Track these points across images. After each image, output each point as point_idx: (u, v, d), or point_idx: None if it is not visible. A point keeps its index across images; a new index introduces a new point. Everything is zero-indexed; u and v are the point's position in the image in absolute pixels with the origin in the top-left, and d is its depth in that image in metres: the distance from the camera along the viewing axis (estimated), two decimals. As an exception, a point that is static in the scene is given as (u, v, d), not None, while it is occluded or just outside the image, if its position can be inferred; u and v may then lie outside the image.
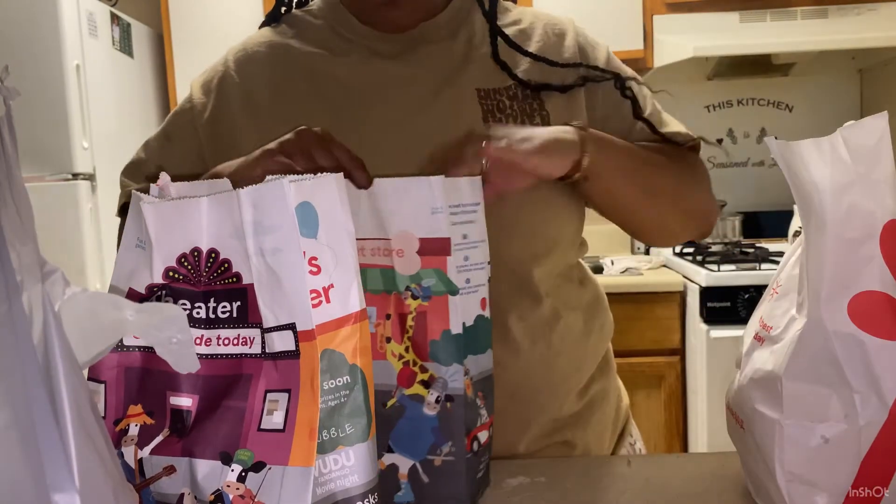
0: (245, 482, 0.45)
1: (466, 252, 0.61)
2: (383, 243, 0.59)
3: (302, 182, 0.47)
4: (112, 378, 0.50)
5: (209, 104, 0.82)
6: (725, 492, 0.62)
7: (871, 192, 0.50)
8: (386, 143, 0.75)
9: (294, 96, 0.80)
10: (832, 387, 0.50)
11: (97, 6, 2.67)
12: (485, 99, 0.78)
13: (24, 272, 0.27)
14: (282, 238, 0.46)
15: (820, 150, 0.51)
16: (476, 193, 0.62)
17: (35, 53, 2.44)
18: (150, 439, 0.49)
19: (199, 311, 0.50)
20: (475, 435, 0.62)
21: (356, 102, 0.79)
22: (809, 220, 0.51)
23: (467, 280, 0.61)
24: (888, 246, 0.50)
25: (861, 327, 0.49)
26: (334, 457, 0.47)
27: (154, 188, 0.54)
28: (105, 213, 2.63)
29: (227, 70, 0.83)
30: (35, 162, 2.42)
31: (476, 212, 0.62)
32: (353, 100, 0.79)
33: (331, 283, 0.47)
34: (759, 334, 0.57)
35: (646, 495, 0.62)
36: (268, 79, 0.82)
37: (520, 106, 0.78)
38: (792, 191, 0.52)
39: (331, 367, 0.47)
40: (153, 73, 3.18)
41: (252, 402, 0.47)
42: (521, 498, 0.63)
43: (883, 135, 0.50)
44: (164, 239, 0.50)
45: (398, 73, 0.79)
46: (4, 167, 0.27)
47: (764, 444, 0.53)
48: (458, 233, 0.60)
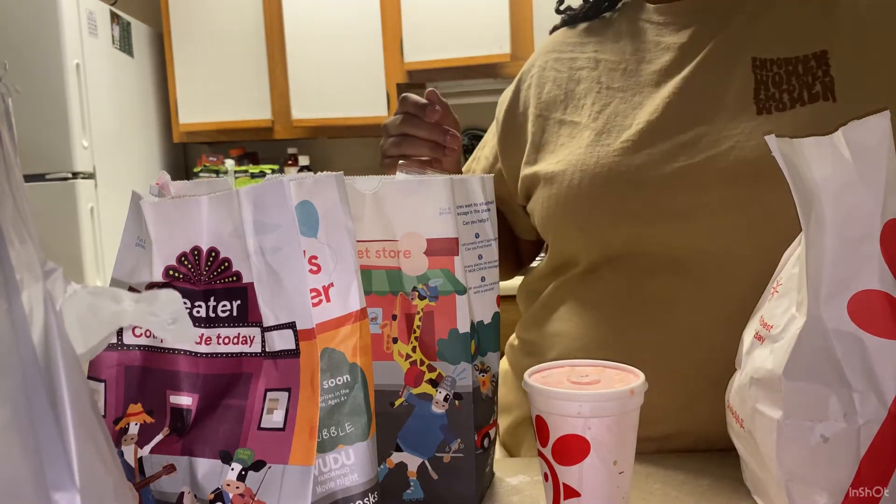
0: (245, 481, 0.45)
1: (480, 251, 0.62)
2: (389, 245, 0.59)
3: (302, 181, 0.47)
4: (112, 377, 0.50)
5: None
6: (725, 491, 0.62)
7: (871, 192, 0.50)
8: (655, 115, 0.76)
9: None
10: (832, 386, 0.50)
11: (97, 5, 2.67)
12: (759, 69, 0.75)
13: (24, 270, 0.27)
14: (282, 237, 0.46)
15: (821, 149, 0.51)
16: (488, 193, 0.62)
17: (35, 53, 2.44)
18: (150, 438, 0.49)
19: (200, 309, 0.50)
20: (486, 432, 0.62)
21: (631, 72, 0.82)
22: (809, 219, 0.51)
23: (482, 278, 0.62)
24: (888, 245, 0.50)
25: (861, 326, 0.49)
26: (334, 455, 0.47)
27: (154, 187, 0.54)
28: (105, 212, 2.63)
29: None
30: (35, 161, 2.42)
31: (489, 210, 0.62)
32: (629, 70, 0.83)
33: (331, 282, 0.47)
34: (759, 333, 0.57)
35: (645, 494, 0.62)
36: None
37: (800, 80, 0.73)
38: (792, 189, 0.52)
39: (331, 365, 0.47)
40: (153, 72, 3.18)
41: (252, 401, 0.47)
42: (521, 497, 0.63)
43: (884, 134, 0.50)
44: (165, 238, 0.50)
45: (671, 41, 0.81)
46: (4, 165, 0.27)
47: (763, 443, 0.53)
48: (471, 232, 0.61)
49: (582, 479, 0.53)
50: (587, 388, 0.54)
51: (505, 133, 0.92)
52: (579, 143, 0.80)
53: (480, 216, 0.62)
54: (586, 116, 0.82)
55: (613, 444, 0.53)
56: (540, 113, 0.87)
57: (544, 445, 0.55)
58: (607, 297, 0.78)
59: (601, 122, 0.80)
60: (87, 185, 2.55)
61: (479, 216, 0.62)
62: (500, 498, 0.63)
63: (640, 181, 0.74)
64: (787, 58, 0.74)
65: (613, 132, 0.78)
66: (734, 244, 0.71)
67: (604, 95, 0.82)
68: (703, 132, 0.74)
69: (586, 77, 0.85)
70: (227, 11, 3.07)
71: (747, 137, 0.71)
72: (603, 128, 0.79)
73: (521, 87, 0.92)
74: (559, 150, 0.82)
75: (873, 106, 0.68)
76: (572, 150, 0.80)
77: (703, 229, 0.72)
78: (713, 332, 0.72)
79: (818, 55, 0.73)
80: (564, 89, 0.86)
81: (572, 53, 0.89)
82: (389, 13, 3.05)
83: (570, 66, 0.88)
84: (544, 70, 0.90)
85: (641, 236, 0.75)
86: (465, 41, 2.94)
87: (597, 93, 0.83)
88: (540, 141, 0.85)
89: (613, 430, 0.53)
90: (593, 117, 0.81)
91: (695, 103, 0.76)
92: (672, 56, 0.80)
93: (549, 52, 0.92)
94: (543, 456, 0.55)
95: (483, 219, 0.63)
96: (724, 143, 0.72)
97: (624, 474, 0.54)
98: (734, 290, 0.71)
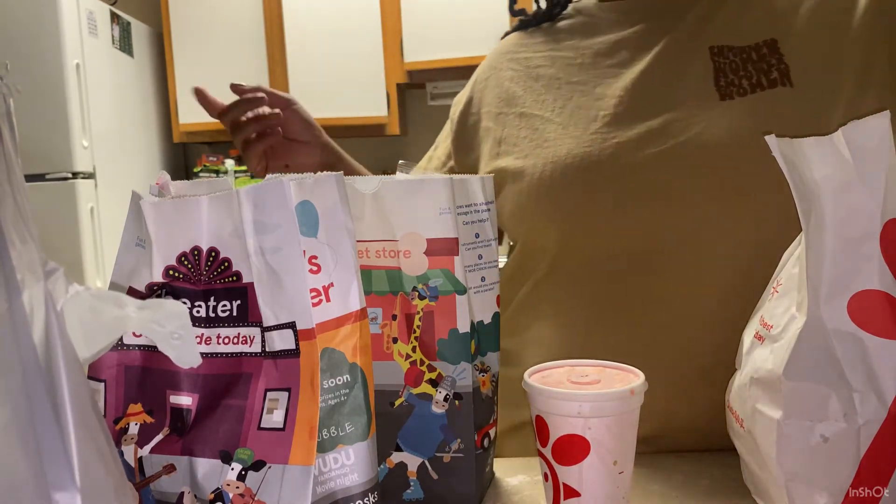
0: (245, 481, 0.45)
1: (480, 251, 0.62)
2: (389, 245, 0.59)
3: (302, 181, 0.47)
4: (112, 377, 0.50)
5: None
6: (725, 491, 0.62)
7: (871, 192, 0.50)
8: (620, 105, 0.78)
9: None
10: (831, 386, 0.50)
11: (97, 5, 2.67)
12: (717, 56, 0.76)
13: (24, 270, 0.27)
14: (282, 237, 0.46)
15: (821, 149, 0.51)
16: (488, 193, 0.63)
17: (35, 52, 2.44)
18: (150, 438, 0.49)
19: (199, 309, 0.50)
20: (486, 432, 0.63)
21: (589, 67, 0.84)
22: (810, 219, 0.51)
23: (482, 278, 0.62)
24: (888, 245, 0.50)
25: (861, 326, 0.49)
26: (334, 455, 0.47)
27: (153, 187, 0.54)
28: (105, 212, 2.63)
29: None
30: (35, 161, 2.42)
31: (489, 210, 0.63)
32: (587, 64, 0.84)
33: (331, 282, 0.47)
34: (759, 333, 0.57)
35: (645, 494, 0.62)
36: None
37: (755, 66, 0.75)
38: (792, 189, 0.52)
39: (331, 365, 0.47)
40: (153, 71, 3.18)
41: (252, 401, 0.47)
42: (521, 497, 0.64)
43: (884, 134, 0.50)
44: (165, 238, 0.50)
45: (625, 36, 0.82)
46: (4, 165, 0.27)
47: (763, 443, 0.53)
48: (471, 232, 0.61)
49: (582, 479, 0.53)
50: (587, 388, 0.54)
51: (459, 133, 0.94)
52: (545, 136, 0.81)
53: (480, 216, 0.62)
54: (549, 111, 0.83)
55: (613, 444, 0.53)
56: (500, 111, 0.88)
57: (544, 445, 0.55)
58: (584, 299, 0.78)
59: (566, 115, 0.81)
60: (87, 185, 2.55)
61: (479, 216, 0.62)
62: (500, 498, 0.63)
63: (613, 168, 0.75)
64: (741, 46, 0.76)
65: (581, 124, 0.79)
66: (707, 230, 0.72)
67: (564, 90, 0.83)
68: (670, 118, 0.75)
69: (544, 74, 0.86)
70: (227, 11, 3.07)
71: (715, 122, 0.73)
72: (569, 120, 0.80)
73: (476, 89, 0.93)
74: (522, 142, 0.83)
75: (828, 90, 0.72)
76: (539, 144, 0.81)
77: (676, 213, 0.73)
78: (693, 326, 0.73)
79: (769, 43, 0.75)
80: (523, 86, 0.87)
81: (527, 53, 0.90)
82: (389, 13, 3.05)
83: (527, 65, 0.89)
84: (500, 71, 0.91)
85: (616, 224, 0.75)
86: (465, 41, 2.94)
87: (557, 88, 0.84)
88: (501, 135, 0.86)
89: (613, 429, 0.53)
90: (557, 112, 0.82)
91: (659, 91, 0.77)
92: (628, 50, 0.82)
93: (504, 53, 0.93)
94: (543, 456, 0.55)
95: (483, 219, 0.63)
96: (693, 129, 0.73)
97: (624, 474, 0.54)
98: (710, 282, 0.72)
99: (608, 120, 0.77)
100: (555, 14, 0.92)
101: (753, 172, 0.70)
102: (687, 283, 0.73)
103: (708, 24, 0.79)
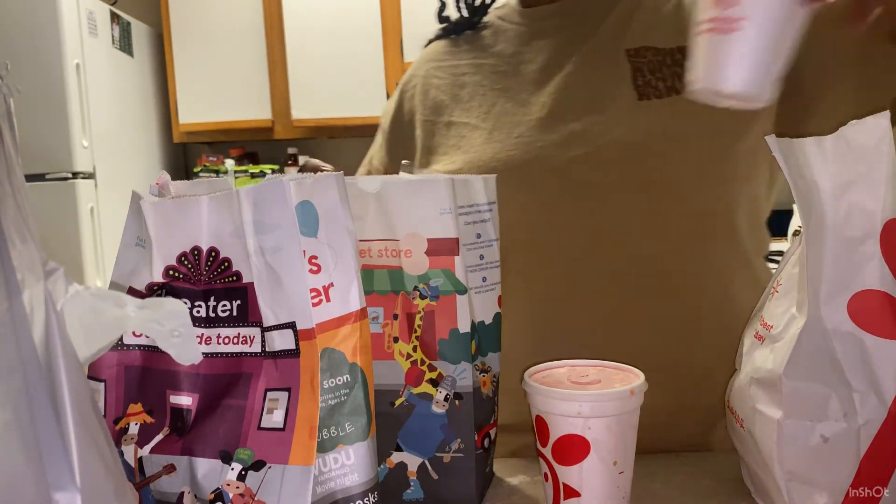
0: (245, 481, 0.45)
1: (482, 251, 0.62)
2: (391, 244, 0.59)
3: (302, 181, 0.47)
4: (112, 376, 0.50)
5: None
6: (725, 491, 0.62)
7: (871, 192, 0.50)
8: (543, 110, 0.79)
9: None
10: (832, 386, 0.50)
11: (97, 5, 2.67)
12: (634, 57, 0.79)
13: (24, 270, 0.27)
14: (282, 237, 0.46)
15: (821, 149, 0.51)
16: (490, 193, 0.63)
17: (35, 52, 2.44)
18: (150, 438, 0.49)
19: (199, 309, 0.50)
20: (486, 432, 0.63)
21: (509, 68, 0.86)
22: (810, 219, 0.51)
23: (483, 278, 0.62)
24: (888, 245, 0.50)
25: (861, 326, 0.49)
26: (334, 455, 0.47)
27: (154, 187, 0.54)
28: (105, 212, 2.63)
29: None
30: (35, 160, 2.42)
31: (490, 211, 0.63)
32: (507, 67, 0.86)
33: (331, 282, 0.47)
34: (759, 333, 0.57)
35: (646, 494, 0.62)
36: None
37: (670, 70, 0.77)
38: (792, 190, 0.52)
39: (331, 365, 0.47)
40: (153, 72, 3.18)
41: (252, 401, 0.47)
42: (521, 496, 0.64)
43: (884, 134, 0.50)
44: (165, 237, 0.50)
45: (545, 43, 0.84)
46: (5, 165, 0.27)
47: (763, 443, 0.53)
48: (472, 232, 0.61)
49: (582, 479, 0.53)
50: (587, 388, 0.54)
51: (392, 142, 0.95)
52: (471, 142, 0.83)
53: (482, 216, 0.63)
54: (475, 117, 0.84)
55: (613, 444, 0.53)
56: (427, 118, 0.89)
57: (544, 445, 0.55)
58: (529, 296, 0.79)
59: (491, 121, 0.83)
60: (87, 185, 2.55)
61: (480, 216, 0.62)
62: (500, 498, 0.63)
63: (540, 171, 0.77)
64: (659, 48, 0.78)
65: (505, 129, 0.81)
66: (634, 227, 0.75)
67: (489, 97, 0.85)
68: (592, 121, 0.77)
69: (469, 81, 0.88)
70: (227, 11, 3.07)
71: (633, 124, 0.75)
72: (494, 126, 0.82)
73: (404, 97, 0.94)
74: (451, 150, 0.84)
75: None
76: (466, 150, 0.82)
77: (604, 211, 0.75)
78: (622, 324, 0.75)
79: (682, 49, 0.77)
80: (450, 94, 0.88)
81: (452, 61, 0.91)
82: (389, 13, 3.05)
83: (452, 73, 0.90)
84: (427, 78, 0.92)
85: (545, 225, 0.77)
86: (465, 41, 2.93)
87: (482, 95, 0.85)
88: (430, 144, 0.87)
89: (613, 430, 0.53)
90: (482, 118, 0.84)
91: (580, 95, 0.79)
92: (549, 55, 0.83)
93: (429, 61, 0.94)
94: (543, 456, 0.55)
95: (484, 219, 0.63)
96: (614, 131, 0.75)
97: (624, 474, 0.54)
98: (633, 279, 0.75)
99: (532, 125, 0.80)
100: (475, 22, 0.93)
101: (670, 172, 0.74)
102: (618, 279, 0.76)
103: (625, 27, 0.81)
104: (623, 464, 0.54)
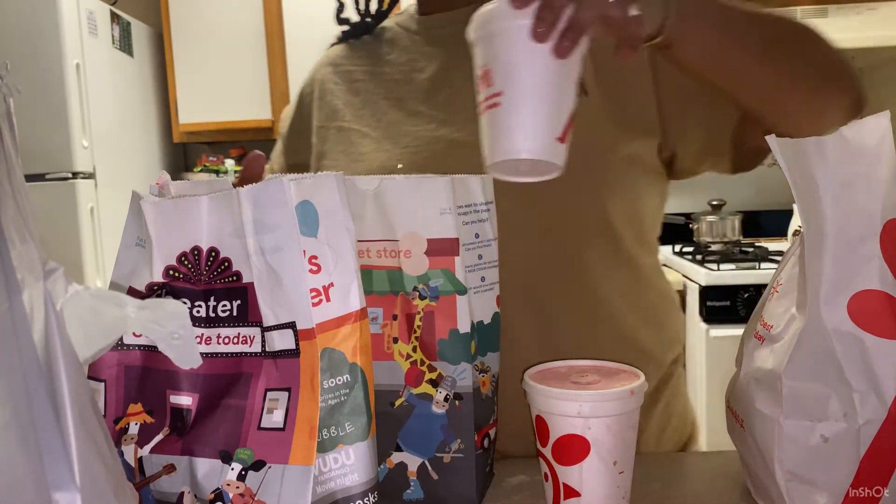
0: (245, 481, 0.45)
1: (480, 251, 0.62)
2: (390, 244, 0.59)
3: (302, 181, 0.47)
4: (112, 377, 0.50)
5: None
6: (725, 491, 0.62)
7: (871, 192, 0.50)
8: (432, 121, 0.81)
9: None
10: (832, 386, 0.50)
11: (97, 5, 2.67)
12: None
13: (24, 270, 0.27)
14: (282, 237, 0.46)
15: (821, 149, 0.51)
16: (488, 193, 0.63)
17: (35, 52, 2.44)
18: (150, 438, 0.49)
19: (200, 309, 0.50)
20: (486, 432, 0.63)
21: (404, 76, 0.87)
22: (810, 219, 0.51)
23: (482, 278, 0.62)
24: (888, 245, 0.50)
25: (861, 326, 0.49)
26: (334, 455, 0.47)
27: (154, 187, 0.54)
28: (105, 212, 2.62)
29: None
30: (35, 160, 2.42)
31: (488, 210, 0.63)
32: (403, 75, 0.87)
33: (331, 282, 0.47)
34: (759, 333, 0.57)
35: (645, 494, 0.62)
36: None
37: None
38: (792, 190, 0.52)
39: (331, 365, 0.47)
40: (153, 71, 3.17)
41: (252, 401, 0.47)
42: (521, 496, 0.63)
43: (884, 134, 0.50)
44: (165, 237, 0.50)
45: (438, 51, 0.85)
46: (5, 165, 0.27)
47: (763, 443, 0.53)
48: (471, 232, 0.61)
49: (582, 478, 0.53)
50: (587, 388, 0.54)
51: (289, 148, 0.96)
52: (360, 150, 0.84)
53: (480, 216, 0.63)
54: (366, 125, 0.86)
55: (613, 444, 0.53)
56: (322, 124, 0.90)
57: (544, 445, 0.55)
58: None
59: (381, 130, 0.84)
60: (87, 185, 2.55)
61: (479, 216, 0.62)
62: (500, 498, 0.63)
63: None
64: None
65: (393, 138, 0.82)
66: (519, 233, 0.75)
67: (381, 106, 0.86)
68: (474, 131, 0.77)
69: (363, 89, 0.89)
70: (227, 11, 3.07)
71: None
72: (383, 135, 0.83)
73: (303, 102, 0.95)
74: (340, 157, 0.85)
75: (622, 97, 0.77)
76: (355, 158, 0.83)
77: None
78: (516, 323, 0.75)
79: None
80: (343, 99, 0.89)
81: (349, 66, 0.92)
82: (389, 13, 3.05)
83: (348, 79, 0.91)
84: (324, 83, 0.93)
85: None
86: (465, 41, 2.93)
87: (374, 104, 0.87)
88: (322, 149, 0.88)
89: (613, 429, 0.53)
90: (373, 126, 0.85)
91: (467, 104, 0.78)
92: (440, 64, 0.84)
93: (327, 65, 0.95)
94: (543, 456, 0.55)
95: (483, 219, 0.63)
96: None
97: (624, 474, 0.54)
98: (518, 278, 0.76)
99: (419, 134, 0.81)
100: (371, 27, 0.94)
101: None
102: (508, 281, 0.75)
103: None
104: (623, 464, 0.54)
